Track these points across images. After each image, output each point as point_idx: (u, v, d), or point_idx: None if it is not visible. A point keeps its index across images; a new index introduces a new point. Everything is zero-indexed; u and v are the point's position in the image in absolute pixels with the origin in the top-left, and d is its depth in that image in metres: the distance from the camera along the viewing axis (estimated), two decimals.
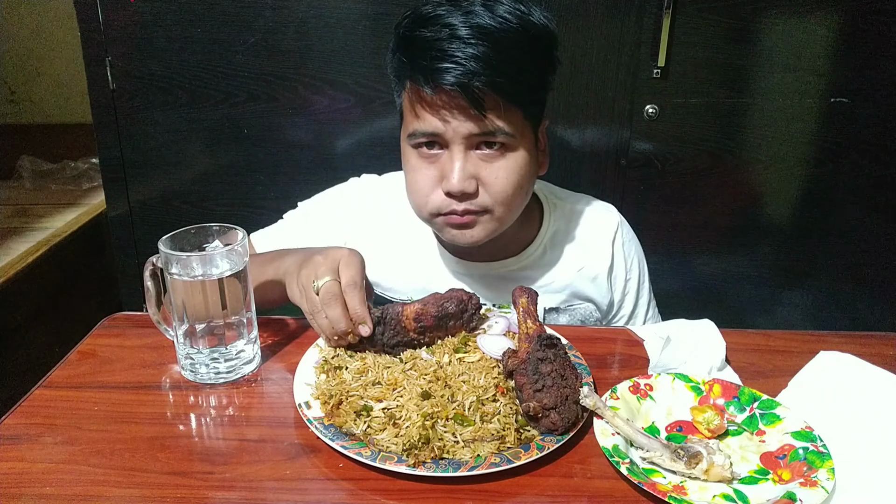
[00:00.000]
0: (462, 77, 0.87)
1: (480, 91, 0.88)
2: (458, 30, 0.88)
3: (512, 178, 0.95)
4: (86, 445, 0.72)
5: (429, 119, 0.92)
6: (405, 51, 0.93)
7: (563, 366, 0.74)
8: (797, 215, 1.65)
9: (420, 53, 0.90)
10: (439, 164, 0.95)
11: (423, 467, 0.66)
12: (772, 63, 1.51)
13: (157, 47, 1.53)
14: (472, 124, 0.91)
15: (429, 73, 0.89)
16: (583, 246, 1.12)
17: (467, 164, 0.93)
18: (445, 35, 0.88)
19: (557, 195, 1.16)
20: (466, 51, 0.87)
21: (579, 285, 1.12)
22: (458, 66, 0.87)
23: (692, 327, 0.92)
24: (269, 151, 1.61)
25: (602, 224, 1.14)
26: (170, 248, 0.81)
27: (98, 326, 0.97)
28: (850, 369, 0.83)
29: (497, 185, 0.94)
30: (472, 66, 0.86)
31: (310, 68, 1.54)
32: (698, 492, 0.67)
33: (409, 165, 0.99)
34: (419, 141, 0.95)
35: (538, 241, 1.11)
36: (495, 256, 1.09)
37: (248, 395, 0.82)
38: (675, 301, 1.28)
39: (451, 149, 0.93)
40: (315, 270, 0.83)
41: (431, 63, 0.88)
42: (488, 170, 0.94)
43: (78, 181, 2.11)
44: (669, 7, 1.45)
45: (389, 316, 0.83)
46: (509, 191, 0.95)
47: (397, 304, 0.84)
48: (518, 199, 0.98)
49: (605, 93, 1.54)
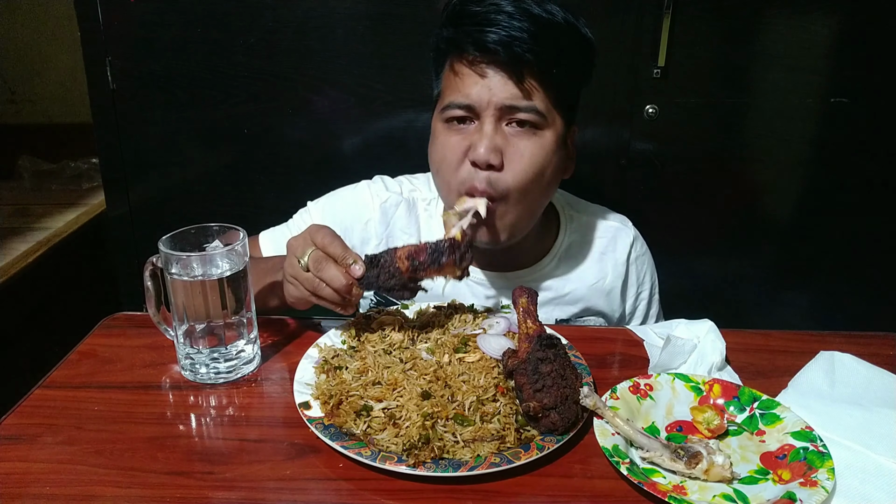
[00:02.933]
0: (506, 38, 0.90)
1: (521, 55, 0.91)
2: (505, 6, 0.92)
3: (536, 159, 0.96)
4: (86, 445, 0.72)
5: (467, 87, 0.94)
6: (452, 22, 0.96)
7: (563, 366, 0.73)
8: (797, 215, 1.65)
9: (468, 22, 0.93)
10: (468, 135, 0.96)
11: (423, 467, 0.66)
12: (772, 63, 1.51)
13: (157, 47, 1.53)
14: (508, 90, 0.92)
15: (475, 35, 0.92)
16: (597, 260, 1.13)
17: (496, 136, 0.94)
18: (493, 9, 0.92)
19: (574, 207, 1.17)
20: (511, 22, 0.91)
21: (592, 299, 1.13)
22: (503, 30, 0.91)
23: (692, 327, 0.92)
24: (269, 151, 1.61)
25: (617, 238, 1.15)
26: (170, 248, 0.81)
27: (98, 326, 0.97)
28: (850, 369, 0.83)
29: (520, 164, 0.95)
30: (516, 33, 0.91)
31: (310, 68, 1.53)
32: (698, 492, 0.67)
33: (437, 142, 1.00)
34: (453, 114, 0.96)
35: (553, 253, 1.11)
36: (510, 267, 1.10)
37: (248, 395, 0.82)
38: (675, 301, 1.28)
39: (483, 120, 0.94)
40: (294, 254, 0.84)
41: (478, 28, 0.92)
42: (515, 146, 0.95)
43: (78, 181, 2.11)
44: (669, 7, 1.45)
45: (383, 259, 0.83)
46: (531, 172, 0.96)
47: (390, 248, 0.84)
48: (537, 189, 0.98)
49: (605, 93, 1.54)
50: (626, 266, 1.15)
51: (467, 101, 0.94)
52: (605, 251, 1.14)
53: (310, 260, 0.82)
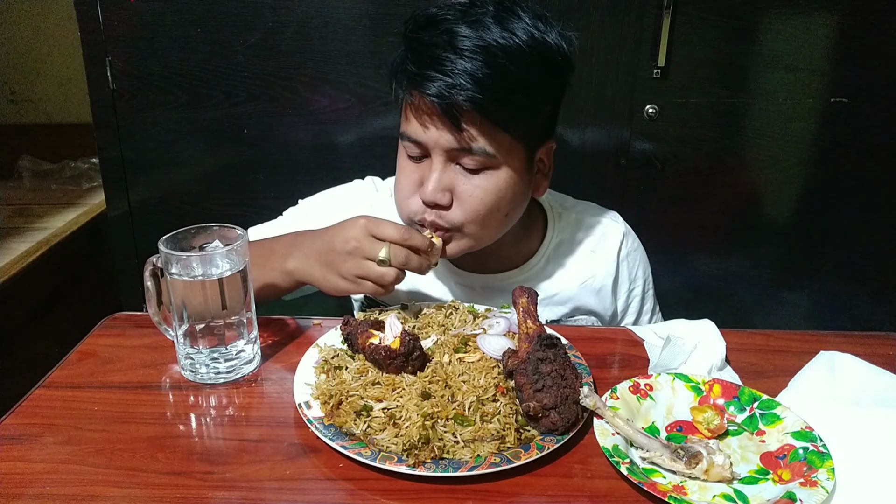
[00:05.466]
0: (444, 89, 0.84)
1: (462, 107, 0.85)
2: (456, 39, 0.85)
3: (487, 198, 0.92)
4: (86, 445, 0.72)
5: (413, 124, 0.91)
6: (404, 50, 0.92)
7: (563, 366, 0.73)
8: (797, 215, 1.65)
9: (414, 56, 0.89)
10: (421, 169, 0.94)
11: (423, 467, 0.66)
12: (772, 63, 1.51)
13: (157, 47, 1.53)
14: (450, 137, 0.89)
15: (415, 79, 0.87)
16: (587, 258, 1.11)
17: (444, 175, 0.91)
18: (442, 42, 0.86)
19: (562, 204, 1.14)
20: (458, 63, 0.84)
21: (583, 298, 1.10)
22: (445, 77, 0.84)
23: (692, 327, 0.92)
24: (269, 151, 1.61)
25: (607, 235, 1.12)
26: (170, 248, 0.81)
27: (98, 326, 0.96)
28: (850, 369, 0.83)
29: (470, 203, 0.92)
30: (459, 80, 0.84)
31: (310, 68, 1.54)
32: (698, 492, 0.67)
33: (399, 161, 0.98)
34: (407, 144, 0.94)
35: (541, 252, 1.09)
36: (497, 268, 1.08)
37: (248, 395, 0.82)
38: (675, 301, 1.28)
39: (433, 157, 0.92)
40: (359, 253, 0.86)
41: (420, 69, 0.87)
42: (465, 185, 0.92)
43: (78, 181, 2.11)
44: (669, 7, 1.45)
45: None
46: (482, 210, 0.93)
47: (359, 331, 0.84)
48: (494, 220, 0.95)
49: (605, 93, 1.54)
50: (617, 263, 1.12)
51: (417, 138, 0.91)
52: (594, 248, 1.11)
53: (393, 255, 0.85)
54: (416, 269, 0.87)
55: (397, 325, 0.81)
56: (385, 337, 0.81)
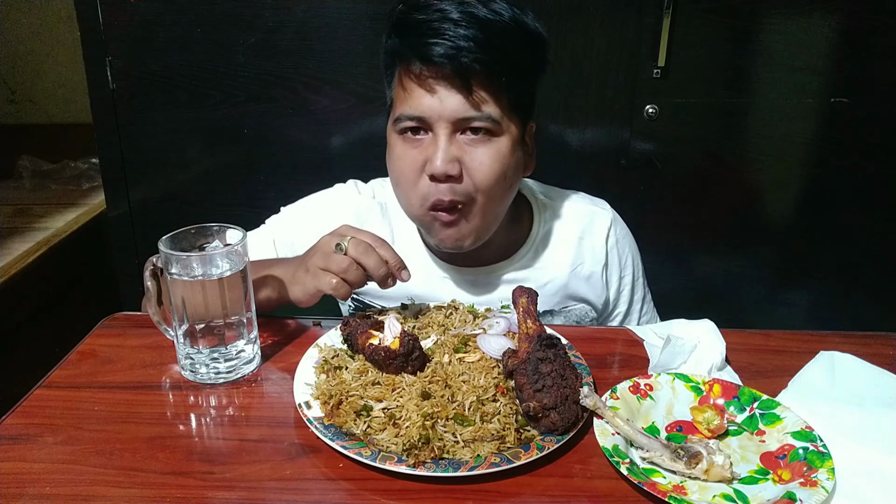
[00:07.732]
0: (451, 50, 0.89)
1: (468, 66, 0.89)
2: (450, 13, 0.90)
3: (495, 166, 0.95)
4: (86, 445, 0.72)
5: (416, 99, 0.92)
6: (398, 32, 0.94)
7: (563, 366, 0.74)
8: (797, 215, 1.65)
9: (412, 32, 0.92)
10: (423, 148, 0.95)
11: (423, 467, 0.66)
12: (772, 63, 1.51)
13: (157, 47, 1.53)
14: (458, 102, 0.91)
15: (420, 48, 0.90)
16: (575, 245, 1.11)
17: (451, 146, 0.93)
18: (437, 17, 0.90)
19: (546, 194, 1.15)
20: (457, 31, 0.89)
21: (574, 286, 1.11)
22: (448, 41, 0.89)
23: (692, 327, 0.92)
24: (269, 151, 1.61)
25: (594, 221, 1.13)
26: (170, 248, 0.81)
27: (98, 326, 0.97)
28: (850, 369, 0.83)
29: (480, 172, 0.94)
30: (462, 43, 0.88)
31: (310, 68, 1.54)
32: (698, 492, 0.67)
33: (394, 154, 0.98)
34: (405, 125, 0.95)
35: (529, 242, 1.10)
36: (485, 260, 1.08)
37: (248, 395, 0.82)
38: (675, 301, 1.28)
39: (436, 132, 0.93)
40: (326, 248, 0.87)
41: (422, 40, 0.90)
42: (472, 154, 0.94)
43: (78, 181, 2.11)
44: (669, 7, 1.45)
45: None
46: (492, 178, 0.95)
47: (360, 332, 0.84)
48: (501, 190, 0.97)
49: (605, 93, 1.54)
50: (606, 250, 1.12)
51: (419, 113, 0.93)
52: (582, 235, 1.12)
53: (352, 245, 0.86)
54: (372, 268, 0.86)
55: (396, 326, 0.82)
56: (384, 337, 0.81)
